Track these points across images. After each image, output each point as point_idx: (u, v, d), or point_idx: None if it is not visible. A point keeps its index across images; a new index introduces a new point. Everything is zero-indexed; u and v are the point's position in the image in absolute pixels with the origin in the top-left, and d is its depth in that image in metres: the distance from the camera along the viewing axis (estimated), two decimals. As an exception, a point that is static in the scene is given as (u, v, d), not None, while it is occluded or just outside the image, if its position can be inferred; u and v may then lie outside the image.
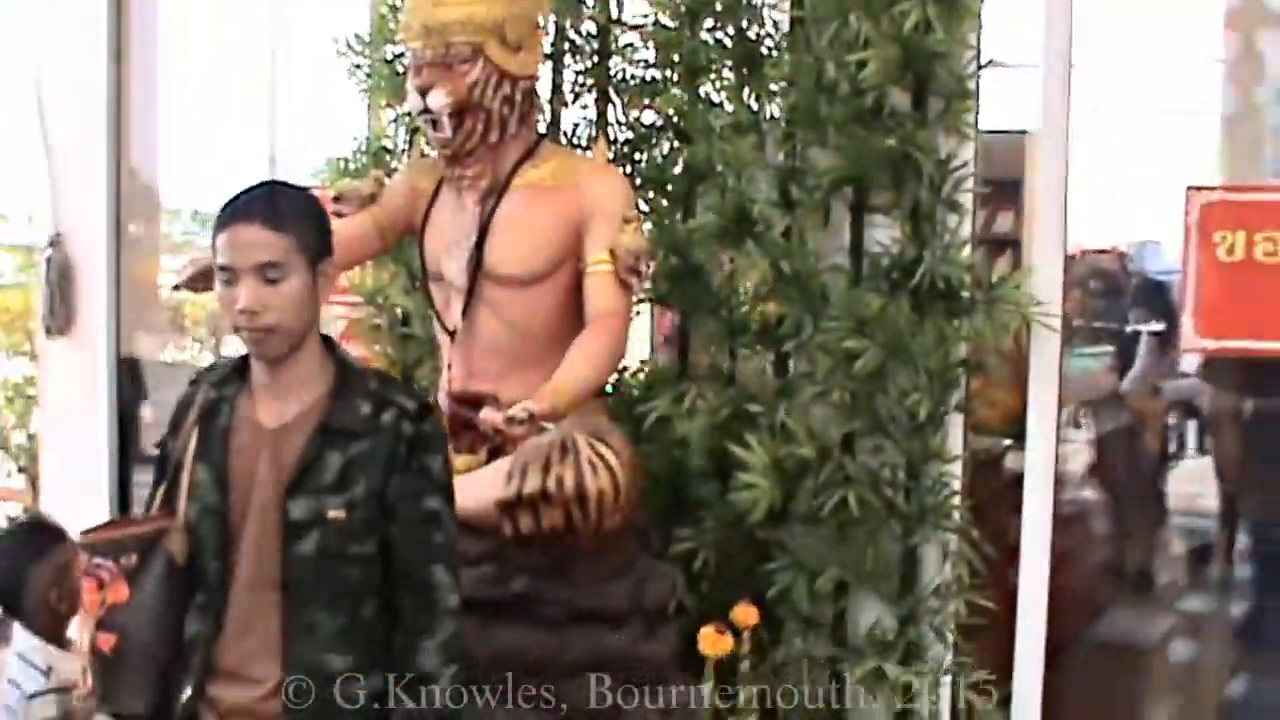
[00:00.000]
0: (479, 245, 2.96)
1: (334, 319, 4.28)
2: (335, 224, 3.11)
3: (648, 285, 3.27)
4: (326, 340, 2.33)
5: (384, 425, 2.25)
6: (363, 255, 3.22)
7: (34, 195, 5.05)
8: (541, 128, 3.34)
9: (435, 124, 2.92)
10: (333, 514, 2.22)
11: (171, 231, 5.74)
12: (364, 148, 3.78)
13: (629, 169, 3.46)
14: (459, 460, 2.98)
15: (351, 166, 3.75)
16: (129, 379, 4.92)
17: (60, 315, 4.83)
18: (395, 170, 3.46)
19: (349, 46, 3.73)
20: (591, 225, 2.93)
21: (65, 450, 5.00)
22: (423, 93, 2.89)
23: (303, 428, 2.26)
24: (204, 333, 6.24)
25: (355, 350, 4.00)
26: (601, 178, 2.99)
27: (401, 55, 3.53)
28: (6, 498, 7.96)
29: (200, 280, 2.88)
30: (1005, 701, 3.30)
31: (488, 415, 2.74)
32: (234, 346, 6.49)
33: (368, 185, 3.19)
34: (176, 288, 2.92)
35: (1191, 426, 5.80)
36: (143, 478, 4.98)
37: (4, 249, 7.94)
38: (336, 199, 3.15)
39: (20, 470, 8.02)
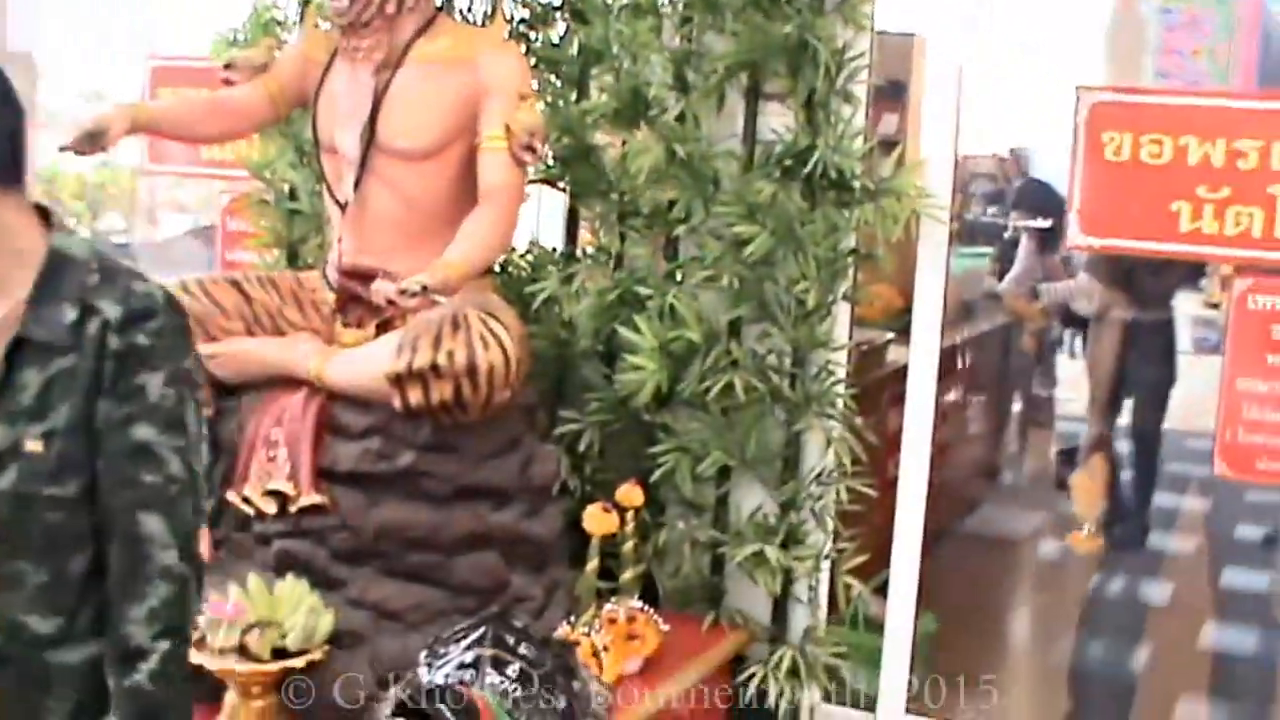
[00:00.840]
0: (373, 118, 2.92)
1: (220, 193, 4.23)
2: (226, 92, 3.10)
3: (541, 165, 3.26)
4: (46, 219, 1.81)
5: (88, 336, 1.76)
6: (253, 125, 3.18)
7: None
8: (438, 1, 3.31)
9: (334, -7, 2.87)
10: (29, 445, 1.76)
11: (49, 104, 5.61)
12: (253, 19, 3.71)
13: (524, 48, 3.42)
14: (347, 334, 2.98)
15: (240, 39, 3.68)
16: None
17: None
18: (286, 43, 3.40)
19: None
20: (487, 101, 2.90)
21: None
22: (321, -32, 2.85)
23: None
24: (81, 207, 6.13)
25: (241, 224, 4.00)
26: (499, 54, 2.96)
27: (295, -77, 3.48)
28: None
29: (88, 142, 2.83)
30: (882, 588, 3.38)
31: (380, 287, 2.73)
32: (111, 221, 6.48)
33: (260, 54, 3.14)
34: (63, 149, 2.86)
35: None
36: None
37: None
38: (227, 67, 3.10)
39: None
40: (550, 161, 3.36)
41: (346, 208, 2.98)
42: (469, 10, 3.47)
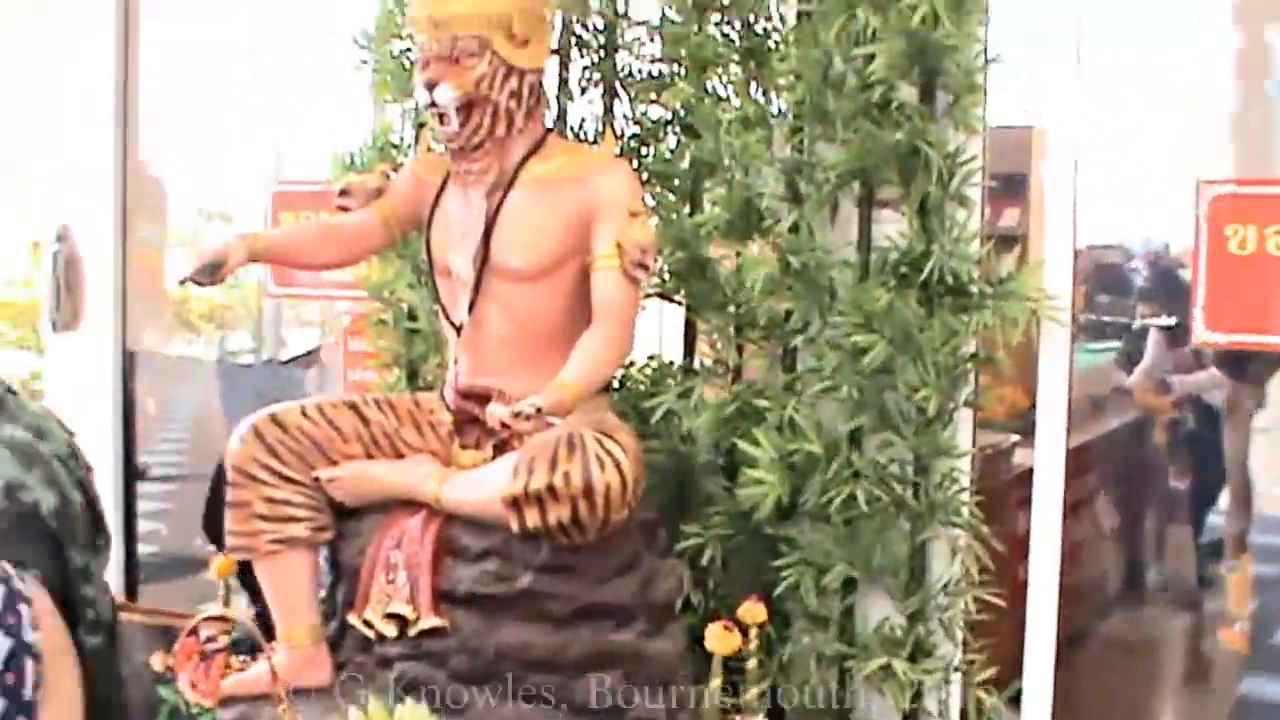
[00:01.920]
0: (486, 239, 2.95)
1: (341, 314, 4.29)
2: (340, 218, 3.14)
3: (655, 280, 3.27)
4: None
5: None
6: (369, 249, 3.22)
7: (42, 189, 5.06)
8: (549, 122, 3.34)
9: (442, 118, 2.91)
10: None
11: (178, 226, 5.74)
12: (370, 143, 3.76)
13: (636, 164, 3.44)
14: (465, 456, 2.98)
15: (357, 162, 3.74)
16: (134, 373, 4.92)
17: (66, 310, 4.83)
18: (402, 166, 3.44)
19: (355, 42, 3.72)
20: (599, 219, 2.92)
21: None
22: (430, 87, 2.88)
23: None
24: (210, 327, 6.25)
25: (362, 344, 4.04)
26: (609, 171, 2.98)
27: (408, 50, 3.53)
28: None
29: (206, 274, 2.87)
30: (1015, 699, 3.30)
31: (494, 410, 2.73)
32: (240, 340, 6.60)
33: (373, 179, 3.18)
34: (183, 282, 2.91)
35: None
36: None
37: (12, 243, 7.96)
38: (342, 193, 3.15)
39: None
40: (666, 275, 3.36)
41: (462, 330, 3.00)
42: (579, 130, 3.50)
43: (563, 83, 3.53)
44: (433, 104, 2.89)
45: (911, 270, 3.10)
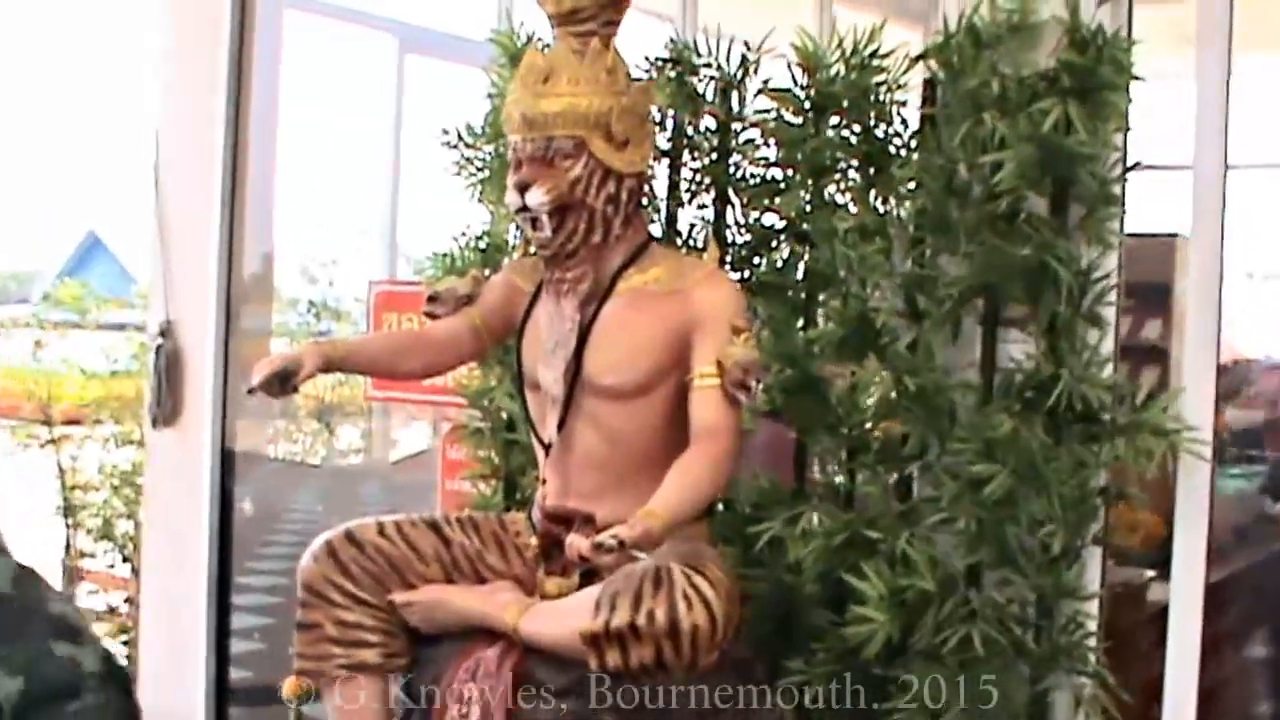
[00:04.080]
0: (578, 353, 2.77)
1: (439, 420, 4.14)
2: (429, 325, 2.98)
3: (763, 398, 3.07)
4: None
5: None
6: (457, 359, 3.04)
7: (150, 282, 5.00)
8: (657, 229, 3.17)
9: (535, 223, 2.74)
10: None
11: (286, 320, 5.66)
12: (472, 244, 3.62)
13: (747, 273, 3.27)
14: (550, 583, 2.79)
15: (458, 264, 3.59)
16: (233, 472, 4.81)
17: (167, 405, 4.74)
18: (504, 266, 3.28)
19: (460, 139, 3.58)
20: (699, 335, 2.72)
21: (167, 542, 4.90)
22: (521, 189, 2.71)
23: None
24: (316, 426, 6.14)
25: (460, 452, 3.87)
26: (711, 284, 2.78)
27: (515, 150, 3.38)
28: (112, 586, 7.94)
29: (275, 384, 2.72)
30: None
31: (574, 542, 2.53)
32: (349, 438, 6.50)
33: (464, 285, 3.01)
34: (251, 391, 2.75)
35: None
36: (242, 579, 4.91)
37: (118, 334, 8.02)
38: (430, 299, 2.98)
39: (124, 559, 8.02)
40: (775, 394, 3.15)
41: (550, 448, 2.82)
42: (689, 237, 3.32)
43: (673, 187, 3.36)
44: (524, 208, 2.72)
45: (1038, 395, 2.88)
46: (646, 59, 3.31)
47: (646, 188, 3.02)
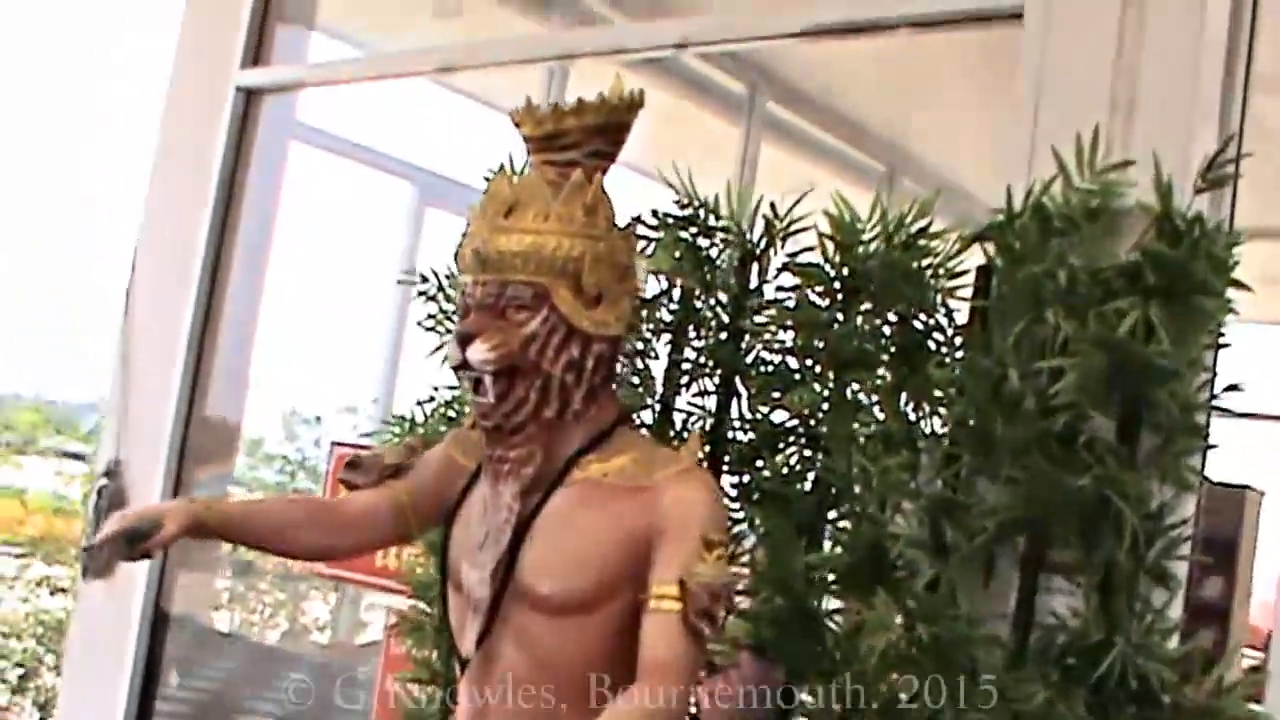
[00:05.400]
0: (511, 551, 2.23)
1: (378, 606, 3.64)
2: (343, 497, 2.46)
3: (746, 626, 2.53)
4: None
5: None
6: (370, 540, 2.52)
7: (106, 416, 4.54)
8: (649, 417, 2.67)
9: (477, 385, 2.23)
10: None
11: (260, 475, 5.18)
12: (440, 411, 3.13)
13: (746, 477, 2.74)
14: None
15: (420, 432, 3.09)
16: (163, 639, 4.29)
17: (100, 555, 4.22)
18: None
19: (439, 289, 3.12)
20: (661, 545, 2.18)
21: (84, 708, 4.37)
22: (463, 342, 2.21)
23: None
24: (283, 597, 5.60)
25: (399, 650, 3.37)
26: (683, 483, 2.23)
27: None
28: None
29: (123, 545, 2.21)
30: None
31: None
32: (318, 611, 5.95)
33: (393, 453, 2.49)
34: (87, 549, 2.24)
35: None
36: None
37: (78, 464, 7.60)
38: (350, 465, 2.46)
39: (41, 714, 7.48)
40: (762, 625, 2.61)
41: (466, 665, 2.27)
42: (683, 430, 2.80)
43: (673, 366, 2.85)
44: (464, 364, 2.20)
45: (1082, 663, 2.34)
46: (654, 214, 2.83)
47: (626, 359, 2.50)
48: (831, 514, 2.65)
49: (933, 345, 2.62)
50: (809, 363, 2.74)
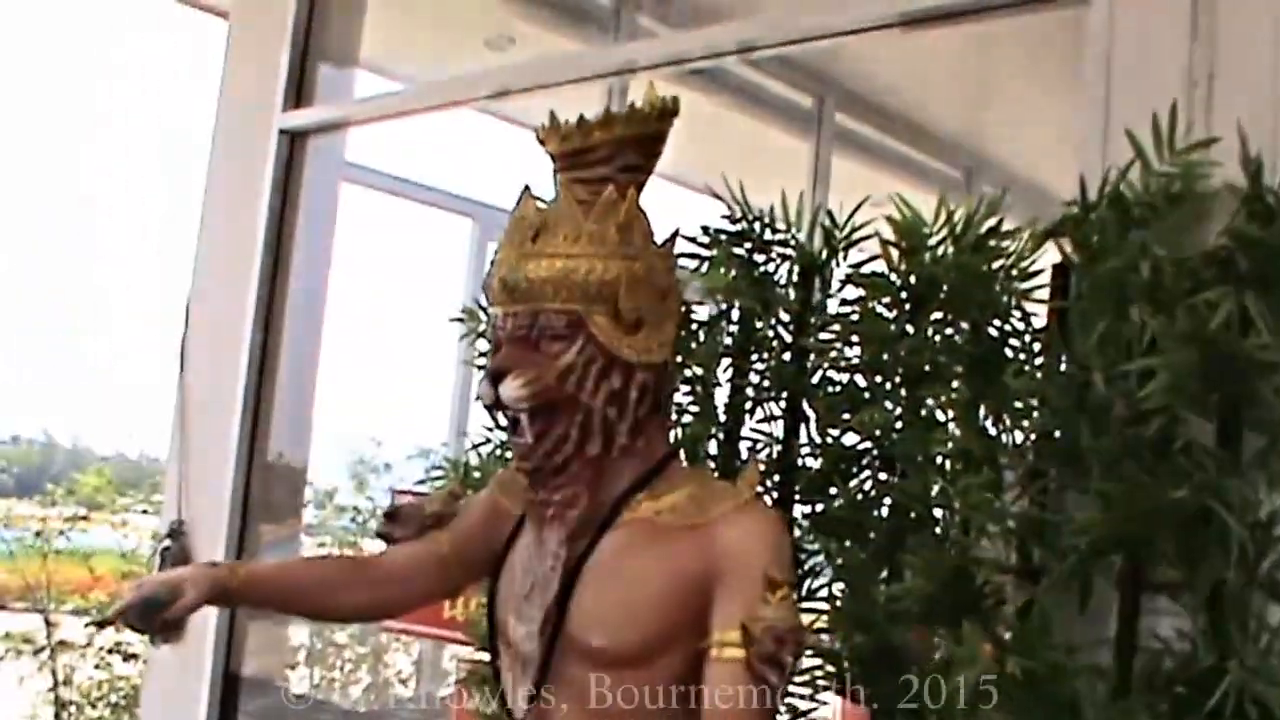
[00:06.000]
0: (560, 602, 2.07)
1: (449, 658, 3.49)
2: (384, 552, 2.31)
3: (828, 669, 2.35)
4: None
5: None
6: (415, 596, 2.37)
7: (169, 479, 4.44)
8: (714, 448, 2.51)
9: (514, 425, 2.07)
10: None
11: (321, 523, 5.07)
12: (496, 455, 2.98)
13: (819, 506, 2.56)
14: None
15: (475, 480, 2.95)
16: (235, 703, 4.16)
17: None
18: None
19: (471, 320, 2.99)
20: (721, 588, 2.01)
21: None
22: (495, 379, 2.04)
23: None
24: (361, 650, 5.47)
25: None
26: (742, 519, 2.06)
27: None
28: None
29: (138, 615, 2.08)
30: None
31: None
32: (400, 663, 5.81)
33: (435, 502, 2.34)
34: (101, 625, 2.11)
35: None
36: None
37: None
38: (388, 517, 2.32)
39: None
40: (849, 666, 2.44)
41: (519, 725, 2.11)
42: (749, 456, 2.63)
43: (735, 392, 2.68)
44: (497, 403, 2.04)
45: (1194, 691, 2.14)
46: (705, 230, 2.66)
47: (674, 387, 2.32)
48: (909, 541, 2.48)
49: (1009, 353, 2.45)
50: (878, 380, 2.58)
